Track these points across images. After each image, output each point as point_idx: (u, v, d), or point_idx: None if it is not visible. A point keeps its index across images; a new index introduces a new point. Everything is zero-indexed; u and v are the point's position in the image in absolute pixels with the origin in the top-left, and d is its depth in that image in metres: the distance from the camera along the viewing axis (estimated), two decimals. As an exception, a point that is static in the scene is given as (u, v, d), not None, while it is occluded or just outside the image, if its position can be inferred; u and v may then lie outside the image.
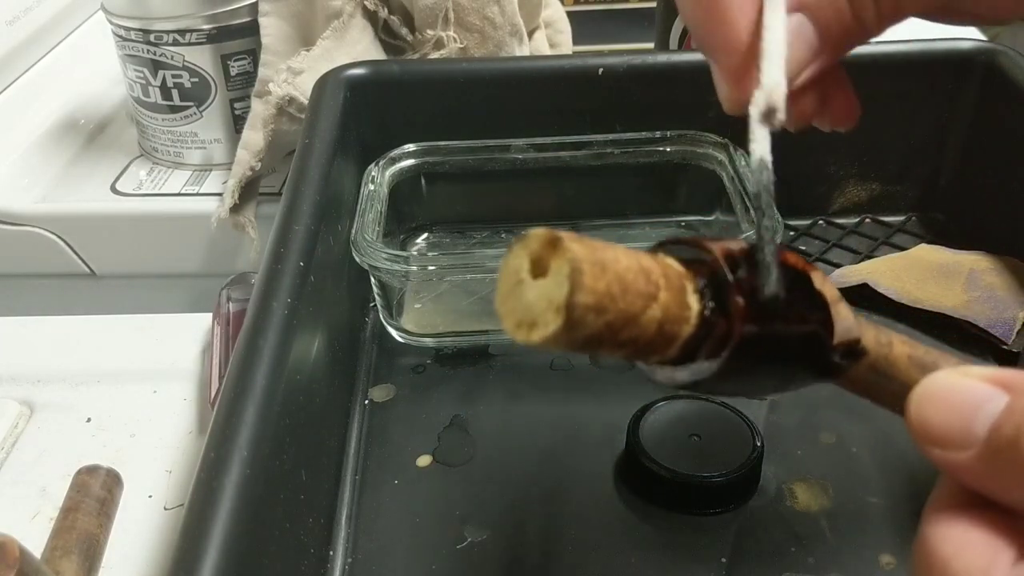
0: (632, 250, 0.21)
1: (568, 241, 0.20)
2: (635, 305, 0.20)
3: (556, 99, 0.53)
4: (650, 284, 0.20)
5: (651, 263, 0.21)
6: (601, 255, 0.20)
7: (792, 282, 0.22)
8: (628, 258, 0.20)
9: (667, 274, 0.21)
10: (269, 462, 0.30)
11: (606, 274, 0.20)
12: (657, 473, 0.38)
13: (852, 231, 0.56)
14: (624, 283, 0.20)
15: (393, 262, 0.44)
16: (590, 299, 0.19)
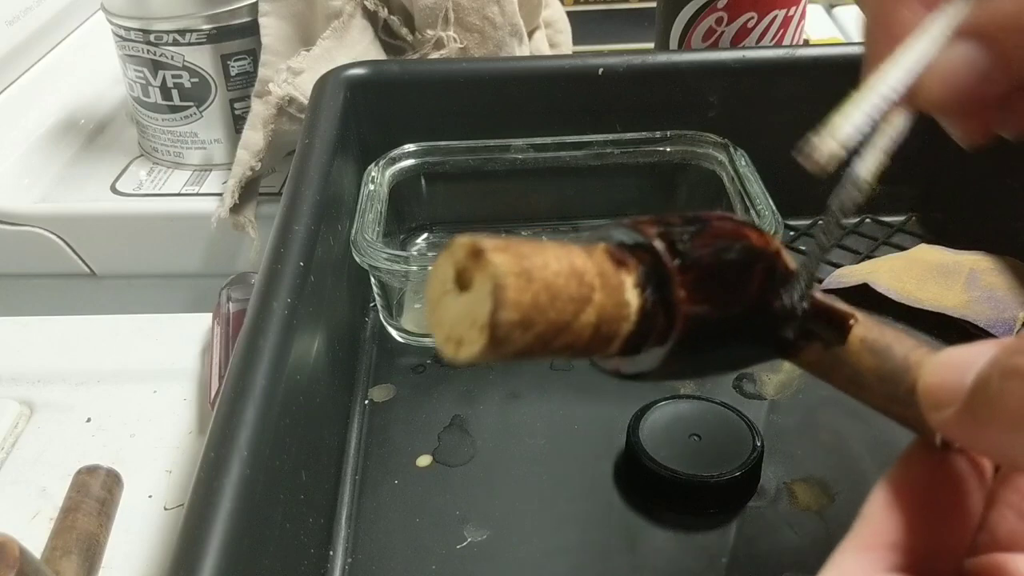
0: (567, 248, 0.20)
1: (491, 252, 0.18)
2: (566, 312, 0.19)
3: (556, 99, 0.53)
4: (583, 287, 0.20)
5: (585, 262, 0.20)
6: (528, 263, 0.19)
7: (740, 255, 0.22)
8: (559, 261, 0.19)
9: (603, 272, 0.20)
10: (269, 462, 0.30)
11: (532, 284, 0.19)
12: (657, 473, 0.38)
13: (852, 231, 0.56)
14: (553, 291, 0.19)
15: (393, 262, 0.44)
16: (515, 315, 0.18)
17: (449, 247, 0.19)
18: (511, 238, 0.19)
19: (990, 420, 0.18)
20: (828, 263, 0.53)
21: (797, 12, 0.58)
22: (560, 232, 0.56)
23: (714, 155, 0.51)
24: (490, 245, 0.19)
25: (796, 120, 0.54)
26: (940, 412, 0.19)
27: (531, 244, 0.19)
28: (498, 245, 0.19)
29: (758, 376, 0.45)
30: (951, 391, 0.19)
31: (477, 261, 0.19)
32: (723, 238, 0.22)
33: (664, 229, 0.21)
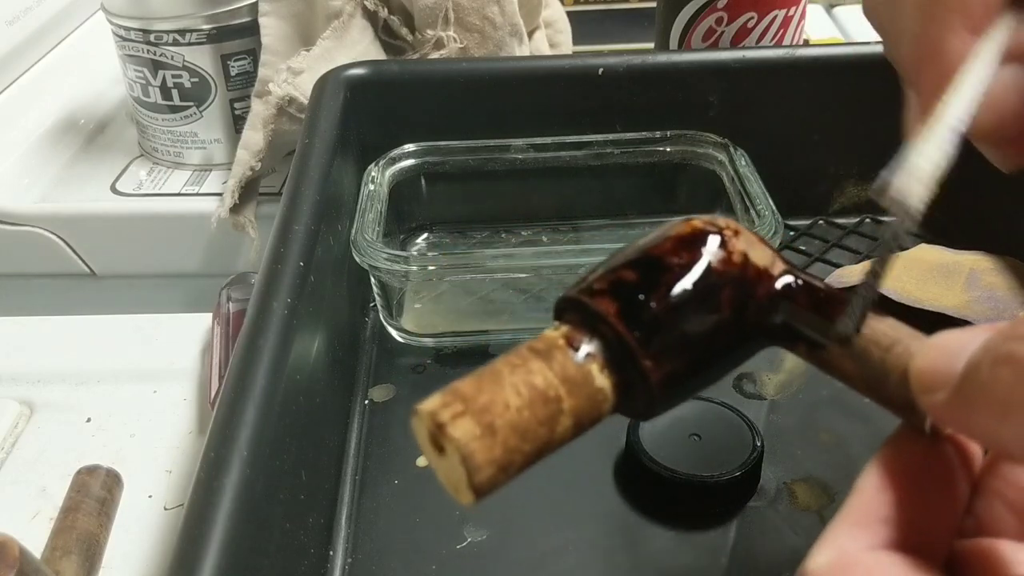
0: (524, 364, 0.20)
1: (450, 426, 0.19)
2: (540, 436, 0.20)
3: (556, 99, 0.53)
4: (549, 404, 0.20)
5: (545, 376, 0.20)
6: (488, 417, 0.20)
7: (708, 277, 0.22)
8: (518, 394, 0.20)
9: (565, 376, 0.21)
10: (269, 462, 0.30)
11: (497, 436, 0.20)
12: (657, 473, 0.38)
13: (852, 231, 0.56)
14: (521, 428, 0.20)
15: (393, 262, 0.44)
16: (489, 471, 0.20)
17: (416, 415, 0.20)
18: (469, 380, 0.20)
19: (980, 405, 0.18)
20: (828, 263, 0.53)
21: (797, 12, 0.58)
22: (560, 232, 0.56)
23: (714, 155, 0.51)
24: (447, 416, 0.20)
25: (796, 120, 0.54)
26: (931, 395, 0.19)
27: (488, 383, 0.20)
28: (455, 413, 0.20)
29: (758, 376, 0.45)
30: (942, 375, 0.19)
31: (441, 433, 0.20)
32: (680, 281, 0.22)
33: (618, 300, 0.21)
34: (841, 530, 0.20)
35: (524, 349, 0.21)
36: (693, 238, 0.22)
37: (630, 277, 0.22)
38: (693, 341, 0.22)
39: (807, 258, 0.53)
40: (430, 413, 0.20)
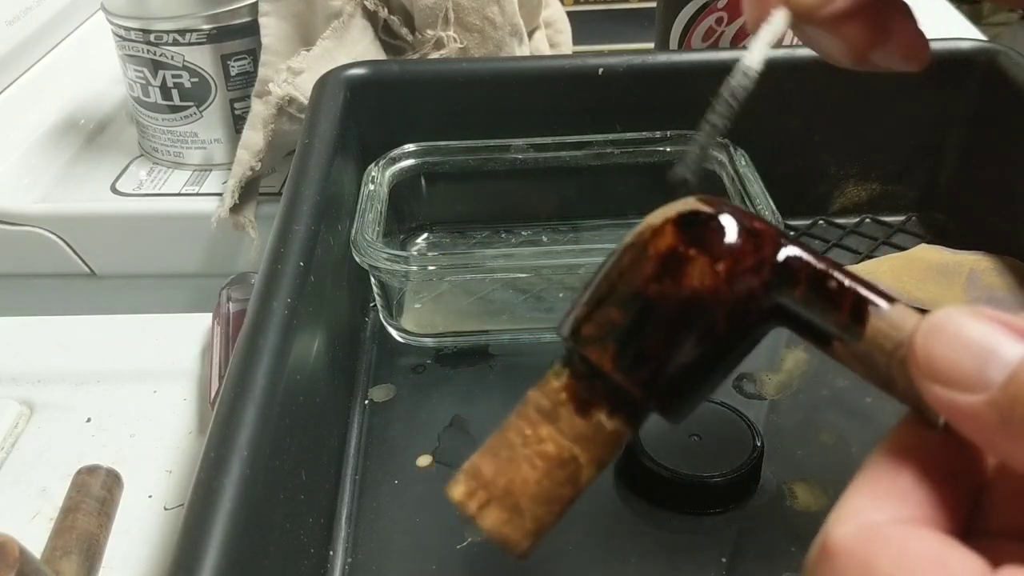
0: (534, 438, 0.21)
1: (479, 518, 0.20)
2: (565, 494, 0.21)
3: (556, 99, 0.53)
4: (567, 467, 0.21)
5: (558, 443, 0.21)
6: (512, 499, 0.20)
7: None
8: (534, 467, 0.21)
9: (576, 435, 0.21)
10: (269, 462, 0.30)
11: (525, 513, 0.20)
12: (657, 473, 0.38)
13: (852, 231, 0.56)
14: (545, 497, 0.21)
15: (393, 262, 0.44)
16: (527, 542, 0.21)
17: (448, 493, 0.22)
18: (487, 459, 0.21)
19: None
20: (828, 263, 0.53)
21: (797, 12, 0.58)
22: (560, 232, 0.56)
23: (714, 155, 0.51)
24: (474, 508, 0.21)
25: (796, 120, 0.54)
26: (949, 392, 0.18)
27: (505, 463, 0.21)
28: (481, 503, 0.21)
29: (758, 376, 0.45)
30: (970, 376, 0.18)
31: (473, 523, 0.21)
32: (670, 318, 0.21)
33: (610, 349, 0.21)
34: (861, 501, 0.19)
35: (532, 410, 0.21)
36: (674, 258, 0.21)
37: (618, 319, 0.21)
38: (696, 366, 0.21)
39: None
40: (459, 504, 0.21)
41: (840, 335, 0.21)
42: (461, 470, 0.22)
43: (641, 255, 0.21)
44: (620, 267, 0.22)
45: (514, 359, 0.47)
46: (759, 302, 0.21)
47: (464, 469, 0.22)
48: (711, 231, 0.21)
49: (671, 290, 0.21)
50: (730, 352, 0.22)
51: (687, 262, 0.21)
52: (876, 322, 0.21)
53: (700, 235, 0.21)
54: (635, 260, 0.21)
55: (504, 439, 0.21)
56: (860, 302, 0.21)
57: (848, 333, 0.21)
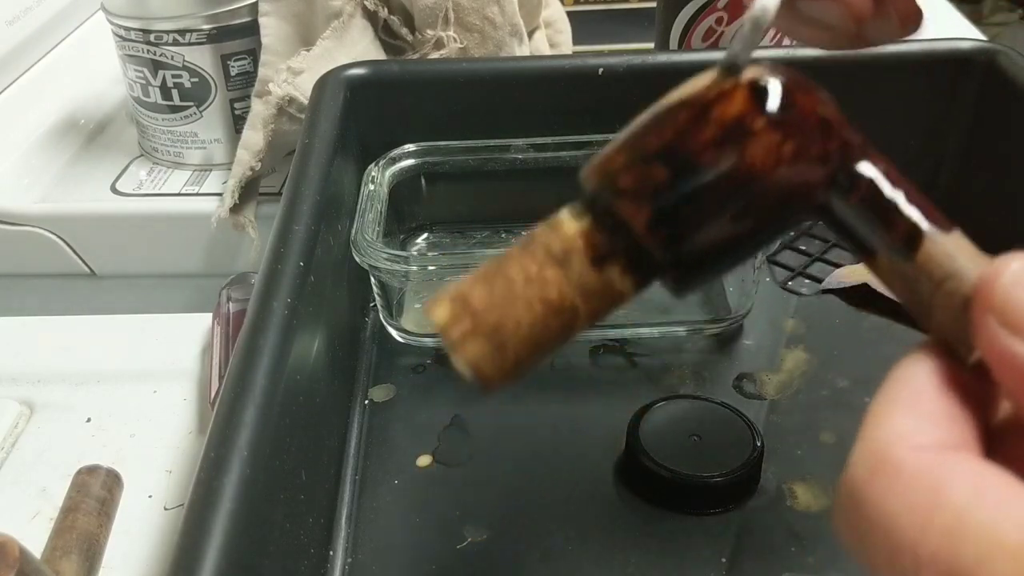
0: (538, 280, 0.19)
1: (459, 346, 0.19)
2: (552, 342, 0.20)
3: (556, 99, 0.53)
4: (564, 315, 0.19)
5: (561, 290, 0.19)
6: (499, 337, 0.19)
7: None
8: (531, 311, 0.19)
9: (584, 287, 0.19)
10: (269, 462, 0.30)
11: (508, 352, 0.19)
12: (657, 473, 0.38)
13: (852, 231, 0.56)
14: (533, 342, 0.19)
15: (393, 262, 0.44)
16: (500, 379, 0.19)
17: (428, 312, 0.20)
18: (480, 287, 0.19)
19: None
20: (828, 263, 0.53)
21: (797, 12, 0.58)
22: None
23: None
24: (457, 336, 0.19)
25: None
26: (1016, 342, 0.18)
27: (500, 299, 0.19)
28: (465, 332, 0.19)
29: (758, 376, 0.45)
30: None
31: (450, 348, 0.19)
32: (720, 193, 0.19)
33: (648, 208, 0.19)
34: (907, 421, 0.18)
35: (540, 250, 0.20)
36: (740, 128, 0.19)
37: (661, 176, 0.19)
38: (726, 244, 0.20)
39: (807, 258, 0.53)
40: (439, 328, 0.19)
41: (888, 253, 0.20)
42: (446, 292, 0.20)
43: (702, 117, 0.19)
44: (675, 124, 0.20)
45: (514, 359, 0.47)
46: (813, 195, 0.20)
47: (450, 292, 0.20)
48: (785, 107, 0.20)
49: (728, 161, 0.19)
50: (763, 236, 0.20)
51: (753, 135, 0.19)
52: (931, 247, 0.20)
53: (773, 109, 0.19)
54: (694, 120, 0.19)
55: (503, 273, 0.19)
56: (918, 222, 0.20)
57: (897, 253, 0.20)
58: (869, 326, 0.49)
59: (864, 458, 0.18)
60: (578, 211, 0.21)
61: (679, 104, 0.20)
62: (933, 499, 0.16)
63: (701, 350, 0.47)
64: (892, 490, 0.17)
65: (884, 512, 0.17)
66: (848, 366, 0.46)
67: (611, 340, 0.48)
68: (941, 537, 0.16)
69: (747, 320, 0.48)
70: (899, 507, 0.17)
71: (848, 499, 0.18)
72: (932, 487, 0.17)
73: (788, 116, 0.19)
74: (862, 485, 0.17)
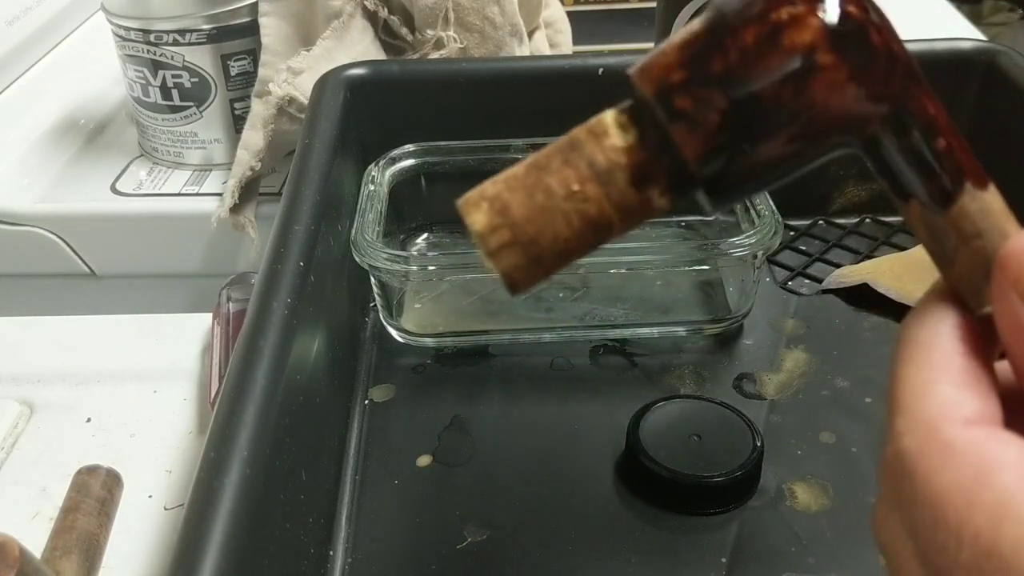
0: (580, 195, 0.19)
1: (496, 256, 0.19)
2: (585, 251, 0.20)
3: (556, 99, 0.53)
4: (601, 231, 0.19)
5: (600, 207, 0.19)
6: (536, 249, 0.19)
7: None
8: (569, 226, 0.19)
9: (624, 205, 0.19)
10: (269, 462, 0.30)
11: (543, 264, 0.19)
12: (657, 473, 0.38)
13: (852, 231, 0.56)
14: (568, 253, 0.19)
15: (393, 262, 0.44)
16: (530, 287, 0.19)
17: (464, 212, 0.20)
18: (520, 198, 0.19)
19: None
20: (828, 263, 0.53)
21: (797, 12, 0.58)
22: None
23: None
24: (494, 245, 0.19)
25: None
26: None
27: (539, 212, 0.19)
28: (502, 242, 0.19)
29: (758, 376, 0.45)
30: None
31: (486, 255, 0.19)
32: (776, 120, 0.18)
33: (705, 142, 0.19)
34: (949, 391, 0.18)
35: (583, 163, 0.19)
36: (809, 59, 0.18)
37: (722, 105, 0.19)
38: (770, 167, 0.19)
39: (807, 258, 0.53)
40: (478, 234, 0.19)
41: (924, 201, 0.20)
42: (484, 195, 0.20)
43: (770, 42, 0.18)
44: (740, 45, 0.19)
45: (514, 359, 0.47)
46: (866, 128, 0.19)
47: (488, 194, 0.20)
48: (857, 43, 0.19)
49: (793, 98, 0.19)
50: (809, 159, 0.20)
51: (821, 70, 0.18)
52: (967, 203, 0.20)
53: (844, 43, 0.19)
54: (761, 45, 0.18)
55: (543, 183, 0.19)
56: (960, 176, 0.19)
57: (933, 204, 0.20)
58: (869, 326, 0.49)
59: (914, 430, 0.18)
60: (624, 119, 0.20)
61: (749, 19, 0.19)
62: (981, 479, 0.17)
63: (701, 350, 0.47)
64: (943, 466, 0.17)
65: (933, 487, 0.17)
66: (848, 366, 0.46)
67: (611, 340, 0.48)
68: (985, 517, 0.16)
69: (747, 320, 0.48)
70: (948, 483, 0.17)
71: (897, 468, 0.18)
72: (980, 466, 0.17)
73: (858, 52, 0.19)
74: (914, 458, 0.18)
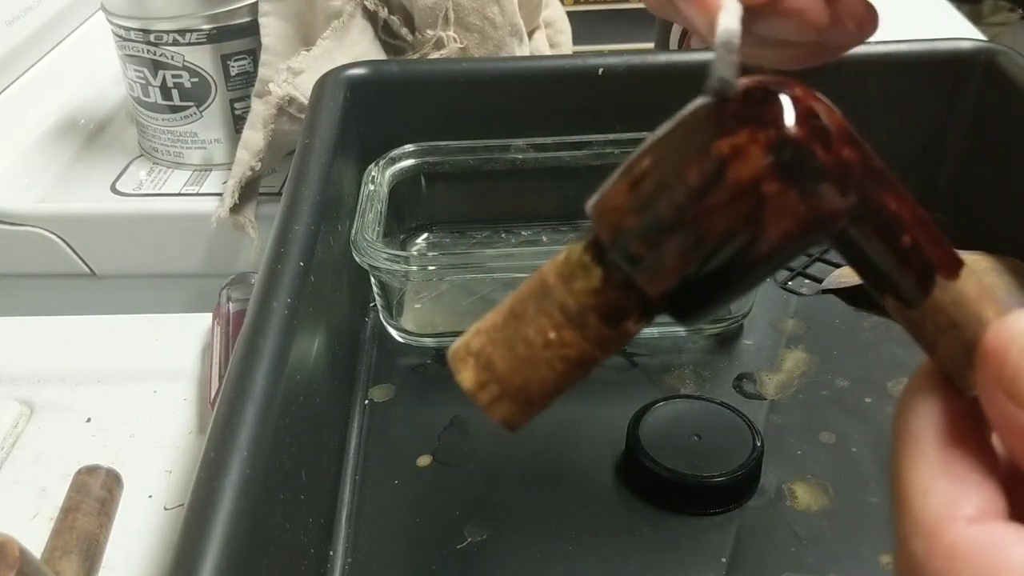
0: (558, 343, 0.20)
1: (488, 408, 0.20)
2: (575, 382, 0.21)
3: (556, 99, 0.53)
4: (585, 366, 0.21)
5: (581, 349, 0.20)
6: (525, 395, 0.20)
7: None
8: (553, 370, 0.20)
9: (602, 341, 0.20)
10: (269, 462, 0.30)
11: (535, 405, 0.21)
12: (657, 473, 0.38)
13: (852, 231, 0.56)
14: (558, 391, 0.21)
15: (393, 262, 0.44)
16: (526, 423, 0.21)
17: (454, 370, 0.21)
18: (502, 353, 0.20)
19: None
20: (828, 263, 0.53)
21: (797, 12, 0.58)
22: (560, 232, 0.55)
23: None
24: (485, 400, 0.20)
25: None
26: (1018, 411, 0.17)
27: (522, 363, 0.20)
28: (493, 397, 0.20)
29: (758, 376, 0.45)
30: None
31: (480, 408, 0.20)
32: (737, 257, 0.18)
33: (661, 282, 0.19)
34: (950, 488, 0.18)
35: (555, 311, 0.20)
36: (754, 190, 0.18)
37: (676, 249, 0.19)
38: (737, 288, 0.19)
39: (807, 258, 0.53)
40: (468, 392, 0.20)
41: (897, 295, 0.20)
42: (469, 349, 0.20)
43: (715, 181, 0.18)
44: (687, 185, 0.19)
45: (514, 359, 0.47)
46: (829, 231, 0.19)
47: (473, 351, 0.20)
48: (804, 162, 0.18)
49: (742, 226, 0.18)
50: (779, 267, 0.20)
51: (770, 199, 0.18)
52: (940, 296, 0.19)
53: (791, 167, 0.18)
54: (707, 184, 0.18)
55: (521, 334, 0.20)
56: (929, 272, 0.19)
57: (905, 299, 0.19)
58: (869, 326, 0.49)
59: (917, 534, 0.18)
60: (587, 258, 0.21)
61: (689, 151, 0.19)
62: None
63: (701, 350, 0.47)
64: (948, 572, 0.17)
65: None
66: (848, 366, 0.46)
67: (611, 340, 0.48)
68: None
69: (747, 320, 0.48)
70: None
71: (907, 570, 0.18)
72: (986, 571, 0.17)
73: (806, 172, 0.18)
74: (921, 562, 0.18)
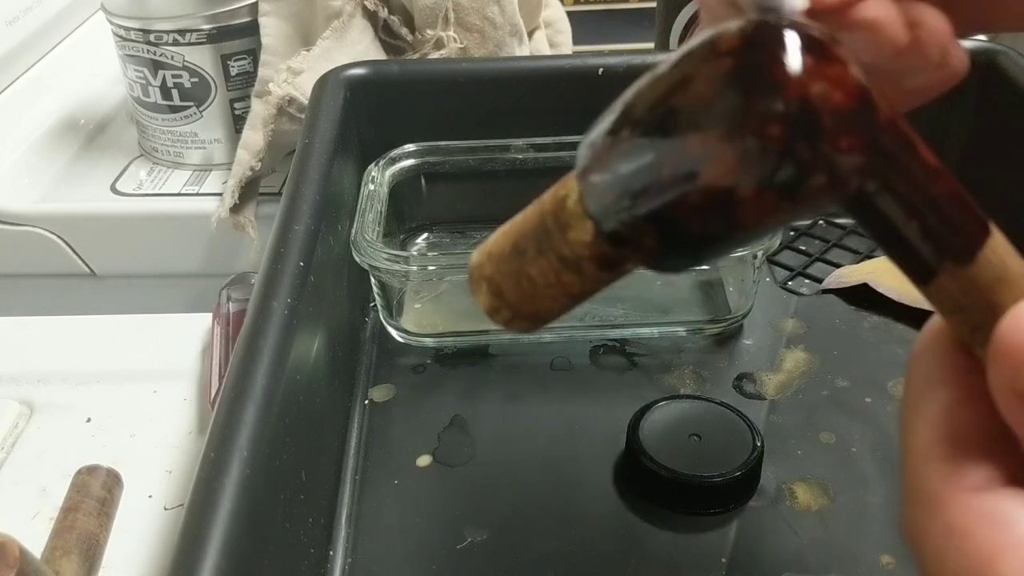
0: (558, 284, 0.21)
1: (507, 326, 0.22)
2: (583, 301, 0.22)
3: (556, 99, 0.53)
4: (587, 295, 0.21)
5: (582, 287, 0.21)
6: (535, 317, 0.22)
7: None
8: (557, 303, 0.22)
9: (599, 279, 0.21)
10: (269, 462, 0.30)
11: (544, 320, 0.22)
12: (657, 473, 0.38)
13: (852, 231, 0.56)
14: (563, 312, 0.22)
15: (393, 262, 0.44)
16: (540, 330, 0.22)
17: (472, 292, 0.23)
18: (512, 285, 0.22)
19: None
20: (828, 263, 0.53)
21: (797, 12, 0.58)
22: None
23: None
24: (502, 320, 0.22)
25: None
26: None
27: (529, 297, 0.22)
28: (507, 319, 0.22)
29: (758, 376, 0.45)
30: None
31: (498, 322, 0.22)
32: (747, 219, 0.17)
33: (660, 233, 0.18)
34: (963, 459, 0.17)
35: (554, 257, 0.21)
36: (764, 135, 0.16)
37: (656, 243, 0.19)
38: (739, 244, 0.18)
39: (807, 258, 0.53)
40: (486, 312, 0.22)
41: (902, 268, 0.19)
42: (482, 274, 0.23)
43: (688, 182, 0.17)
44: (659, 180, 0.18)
45: (514, 359, 0.47)
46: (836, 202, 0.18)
47: (486, 276, 0.23)
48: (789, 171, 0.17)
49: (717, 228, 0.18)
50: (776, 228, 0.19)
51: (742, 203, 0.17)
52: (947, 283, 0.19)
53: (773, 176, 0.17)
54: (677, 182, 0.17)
55: (524, 272, 0.22)
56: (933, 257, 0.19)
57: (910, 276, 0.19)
58: (869, 326, 0.49)
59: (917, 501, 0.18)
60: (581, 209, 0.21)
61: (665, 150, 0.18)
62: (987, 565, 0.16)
63: (701, 350, 0.47)
64: (946, 549, 0.17)
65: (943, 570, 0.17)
66: (848, 366, 0.46)
67: (611, 340, 0.48)
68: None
69: (747, 320, 0.48)
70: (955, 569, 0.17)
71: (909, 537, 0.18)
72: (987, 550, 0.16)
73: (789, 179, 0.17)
74: (921, 535, 0.17)
